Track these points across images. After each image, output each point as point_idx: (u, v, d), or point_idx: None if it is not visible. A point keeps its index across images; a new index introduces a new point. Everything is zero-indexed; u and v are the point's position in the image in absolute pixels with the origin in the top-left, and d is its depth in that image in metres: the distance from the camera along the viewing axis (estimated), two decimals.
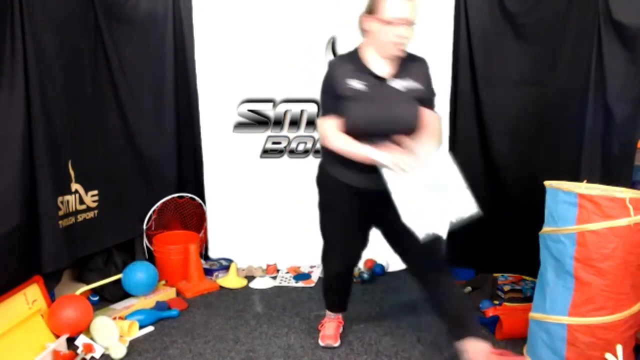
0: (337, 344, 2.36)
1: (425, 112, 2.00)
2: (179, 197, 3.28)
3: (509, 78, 2.96)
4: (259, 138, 3.28)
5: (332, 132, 1.95)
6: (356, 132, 1.92)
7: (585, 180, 2.22)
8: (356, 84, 1.91)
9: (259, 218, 3.32)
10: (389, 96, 1.93)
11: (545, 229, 2.11)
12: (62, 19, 2.52)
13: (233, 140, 3.27)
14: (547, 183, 2.13)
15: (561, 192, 2.02)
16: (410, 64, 1.97)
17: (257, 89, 3.21)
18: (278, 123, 3.26)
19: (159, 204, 3.19)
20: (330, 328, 2.42)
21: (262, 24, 3.13)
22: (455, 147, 3.22)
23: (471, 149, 3.14)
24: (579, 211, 1.95)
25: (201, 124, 3.26)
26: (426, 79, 2.00)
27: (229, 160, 3.29)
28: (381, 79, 1.94)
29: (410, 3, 1.85)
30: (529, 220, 2.36)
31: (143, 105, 3.09)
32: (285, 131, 3.27)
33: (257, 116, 3.25)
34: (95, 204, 2.78)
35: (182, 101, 3.26)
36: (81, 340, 2.29)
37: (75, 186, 2.63)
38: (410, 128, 1.95)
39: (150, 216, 3.19)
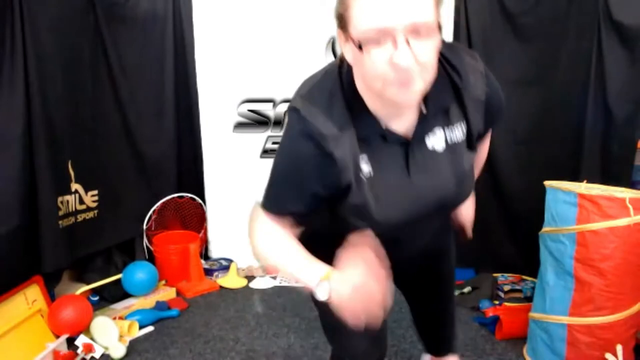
0: None
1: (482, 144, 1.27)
2: (179, 197, 3.27)
3: (509, 78, 2.95)
4: (259, 138, 3.28)
5: (272, 238, 1.12)
6: (382, 231, 1.06)
7: (585, 180, 2.22)
8: (365, 167, 1.04)
9: None
10: (428, 170, 1.07)
11: (545, 229, 2.11)
12: (62, 19, 2.51)
13: (233, 140, 3.27)
14: (547, 183, 2.13)
15: (561, 192, 2.02)
16: (446, 88, 1.05)
17: (257, 89, 3.21)
18: (278, 123, 3.26)
19: (159, 204, 3.19)
20: None
21: (262, 24, 3.13)
22: None
23: None
24: (579, 211, 1.95)
25: (201, 124, 3.26)
26: (487, 99, 1.09)
27: (229, 160, 3.29)
28: (402, 141, 1.05)
29: None
30: (529, 220, 2.36)
31: (143, 105, 3.09)
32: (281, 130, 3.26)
33: (257, 116, 3.25)
34: (95, 204, 2.77)
35: (182, 101, 3.26)
36: (81, 340, 2.29)
37: (75, 186, 2.63)
38: (464, 200, 1.23)
39: (150, 216, 3.18)
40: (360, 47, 0.90)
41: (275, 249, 1.10)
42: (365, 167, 1.03)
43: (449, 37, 3.08)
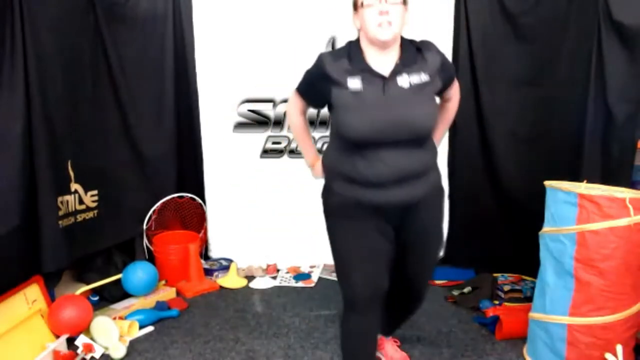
0: None
1: (448, 92, 1.84)
2: (179, 197, 3.27)
3: (509, 78, 2.97)
4: (259, 138, 3.28)
5: (292, 111, 1.92)
6: (358, 142, 1.66)
7: (585, 180, 2.22)
8: (353, 83, 1.66)
9: (259, 218, 3.32)
10: (395, 98, 1.65)
11: (545, 229, 2.12)
12: (62, 19, 2.51)
13: (233, 140, 3.27)
14: (547, 183, 2.14)
15: (561, 192, 2.02)
16: (415, 54, 1.71)
17: (257, 89, 3.21)
18: (278, 123, 3.26)
19: (159, 204, 3.19)
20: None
21: (262, 24, 3.13)
22: (455, 147, 3.22)
23: (471, 149, 3.14)
24: (579, 211, 1.95)
25: (201, 124, 3.27)
26: (438, 63, 1.72)
27: (229, 160, 3.29)
28: (383, 77, 1.66)
29: None
30: (529, 220, 2.36)
31: (143, 105, 3.08)
32: (285, 131, 3.27)
33: (257, 116, 3.25)
34: (94, 204, 2.77)
35: (182, 101, 3.26)
36: (81, 340, 2.29)
37: (74, 186, 2.63)
38: (425, 134, 1.71)
39: (150, 216, 3.18)
40: (360, 6, 1.68)
41: (297, 136, 2.02)
42: (358, 84, 1.67)
43: (449, 36, 3.08)
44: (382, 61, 1.68)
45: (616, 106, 2.45)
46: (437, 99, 1.81)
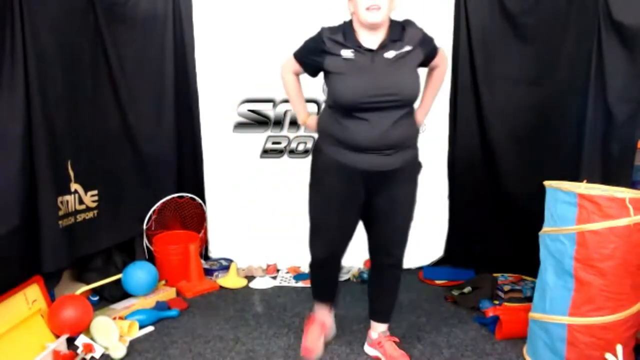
0: (316, 358, 2.25)
1: (435, 60, 2.08)
2: (179, 197, 3.28)
3: (509, 78, 2.97)
4: (259, 138, 3.28)
5: (286, 72, 2.16)
6: (350, 106, 1.90)
7: (585, 180, 2.22)
8: (346, 53, 1.92)
9: (259, 218, 3.32)
10: (382, 67, 1.90)
11: (545, 229, 2.12)
12: (62, 19, 2.51)
13: (233, 140, 3.27)
14: (547, 183, 2.14)
15: (561, 192, 2.02)
16: (401, 32, 1.95)
17: (257, 89, 3.21)
18: (278, 123, 3.26)
19: (159, 204, 3.19)
20: (312, 335, 2.29)
21: (262, 24, 3.13)
22: (455, 147, 3.23)
23: (471, 149, 3.14)
24: (578, 211, 1.95)
25: (201, 124, 3.27)
26: (422, 39, 1.98)
27: (229, 160, 3.29)
28: (371, 51, 1.91)
29: None
30: (529, 220, 2.36)
31: (143, 105, 3.08)
32: (285, 131, 3.27)
33: (257, 116, 3.25)
34: (94, 204, 2.77)
35: (182, 101, 3.26)
36: (81, 340, 2.29)
37: (74, 186, 2.63)
38: (410, 99, 1.94)
39: (150, 216, 3.18)
40: None
41: (288, 91, 2.22)
42: (350, 54, 1.92)
43: (449, 36, 3.08)
44: (372, 39, 1.93)
45: (616, 106, 2.45)
46: (423, 74, 2.10)
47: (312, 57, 2.01)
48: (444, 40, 3.09)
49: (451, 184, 3.28)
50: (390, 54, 1.91)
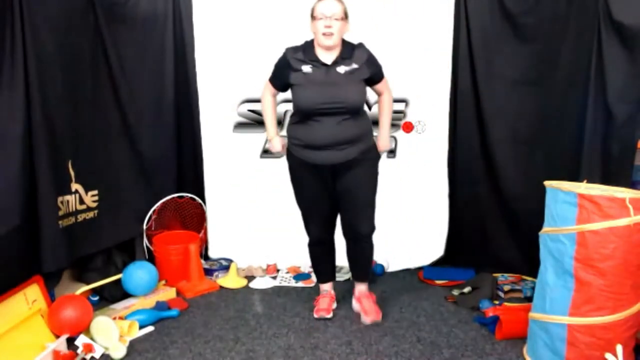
0: (329, 316, 2.62)
1: (379, 86, 2.48)
2: (179, 197, 3.28)
3: (509, 78, 2.97)
4: (259, 138, 3.28)
5: (265, 94, 2.55)
6: (307, 111, 2.35)
7: (585, 180, 2.23)
8: (305, 68, 2.35)
9: (259, 218, 3.32)
10: (333, 80, 2.32)
11: (545, 229, 2.11)
12: (62, 19, 2.51)
13: (233, 140, 3.27)
14: (547, 183, 2.14)
15: (561, 192, 2.02)
16: (351, 52, 2.37)
17: (257, 89, 3.18)
18: (278, 123, 3.25)
19: (159, 204, 3.20)
20: (324, 302, 2.68)
21: (262, 24, 3.13)
22: (455, 147, 3.23)
23: (471, 149, 3.14)
24: (579, 211, 1.95)
25: (201, 124, 3.27)
26: (367, 59, 2.38)
27: (229, 160, 3.29)
28: (326, 66, 2.34)
29: (330, 3, 2.30)
30: (529, 220, 2.37)
31: (143, 105, 3.09)
32: (285, 131, 3.26)
33: (257, 116, 3.25)
34: (95, 204, 2.77)
35: (182, 101, 3.27)
36: (81, 340, 2.29)
37: (75, 186, 2.63)
38: (354, 107, 2.35)
39: (150, 216, 3.18)
40: (314, 19, 2.34)
41: (264, 109, 2.58)
42: (309, 69, 2.34)
43: (449, 37, 3.08)
44: (327, 56, 2.36)
45: (616, 106, 2.45)
46: (370, 89, 2.48)
47: (280, 75, 2.43)
48: (444, 41, 3.10)
49: (451, 184, 3.28)
50: (341, 69, 2.33)
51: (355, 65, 2.34)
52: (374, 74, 2.41)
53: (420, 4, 3.09)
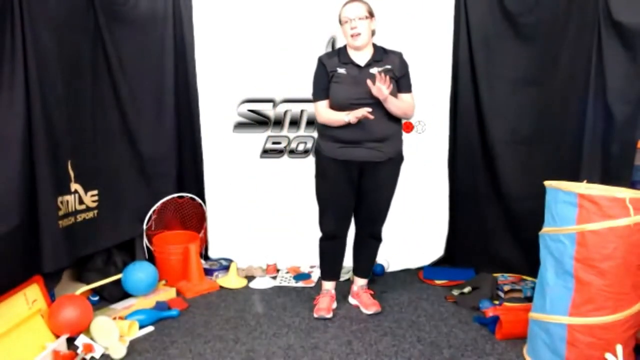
0: (329, 316, 2.64)
1: (405, 96, 2.53)
2: (179, 197, 3.27)
3: (509, 78, 2.97)
4: (259, 138, 3.28)
5: (322, 110, 2.52)
6: (339, 106, 2.45)
7: (585, 180, 2.23)
8: (341, 70, 2.47)
9: (259, 218, 3.32)
10: (366, 78, 2.39)
11: (545, 229, 2.12)
12: (62, 19, 2.51)
13: (233, 140, 3.27)
14: (547, 183, 2.14)
15: (561, 192, 2.02)
16: (385, 55, 2.51)
17: (257, 89, 3.21)
18: (278, 123, 3.26)
19: (159, 204, 3.19)
20: (324, 302, 2.70)
21: (262, 24, 3.13)
22: (455, 147, 3.23)
23: (471, 149, 3.14)
24: (579, 211, 1.95)
25: (201, 124, 3.27)
26: (399, 62, 2.51)
27: (229, 160, 3.29)
28: (360, 67, 2.47)
29: (353, 6, 2.44)
30: (529, 220, 2.37)
31: (143, 105, 3.08)
32: (285, 131, 3.27)
33: (257, 116, 3.25)
34: (95, 204, 2.77)
35: (182, 101, 3.26)
36: (81, 340, 2.29)
37: (74, 186, 2.63)
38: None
39: (150, 216, 3.18)
40: (342, 23, 2.49)
41: (329, 114, 2.49)
42: (343, 71, 2.46)
43: (449, 37, 3.08)
44: (360, 57, 2.49)
45: (616, 106, 2.45)
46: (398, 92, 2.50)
47: (322, 81, 2.51)
48: (444, 41, 3.10)
49: (451, 184, 3.28)
50: (374, 70, 2.43)
51: (387, 66, 2.46)
52: (402, 76, 2.50)
53: (420, 4, 3.09)
